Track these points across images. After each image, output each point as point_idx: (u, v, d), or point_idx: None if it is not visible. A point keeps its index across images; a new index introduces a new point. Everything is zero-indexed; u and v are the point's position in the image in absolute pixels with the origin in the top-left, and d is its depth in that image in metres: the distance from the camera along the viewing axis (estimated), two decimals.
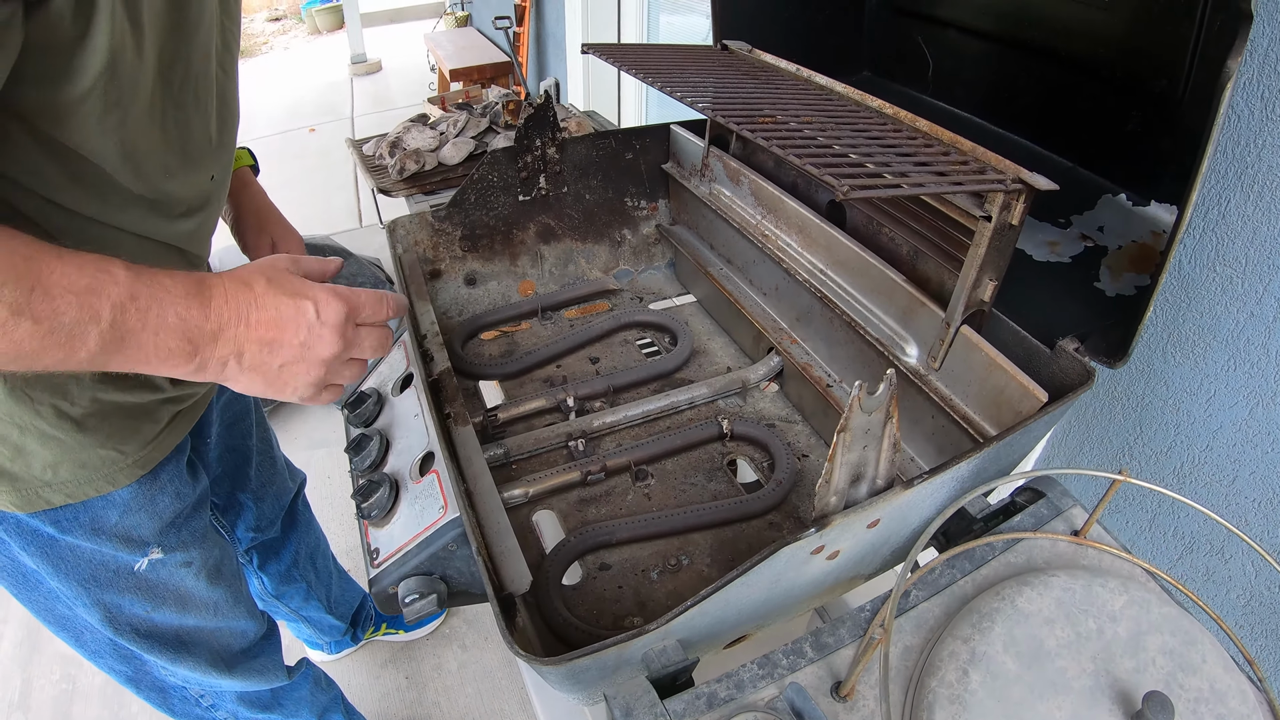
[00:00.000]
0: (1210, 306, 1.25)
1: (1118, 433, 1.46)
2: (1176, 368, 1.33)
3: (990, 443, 0.90)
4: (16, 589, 1.19)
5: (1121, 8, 1.19)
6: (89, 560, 1.14)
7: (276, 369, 0.84)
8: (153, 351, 0.76)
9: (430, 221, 1.57)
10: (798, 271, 1.36)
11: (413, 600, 0.99)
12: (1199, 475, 1.34)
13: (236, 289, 0.81)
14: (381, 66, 8.63)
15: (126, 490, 1.10)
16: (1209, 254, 1.24)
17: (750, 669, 0.77)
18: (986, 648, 0.76)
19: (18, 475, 0.99)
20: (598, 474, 1.26)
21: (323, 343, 0.85)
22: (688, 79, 1.23)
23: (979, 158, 0.99)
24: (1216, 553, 1.36)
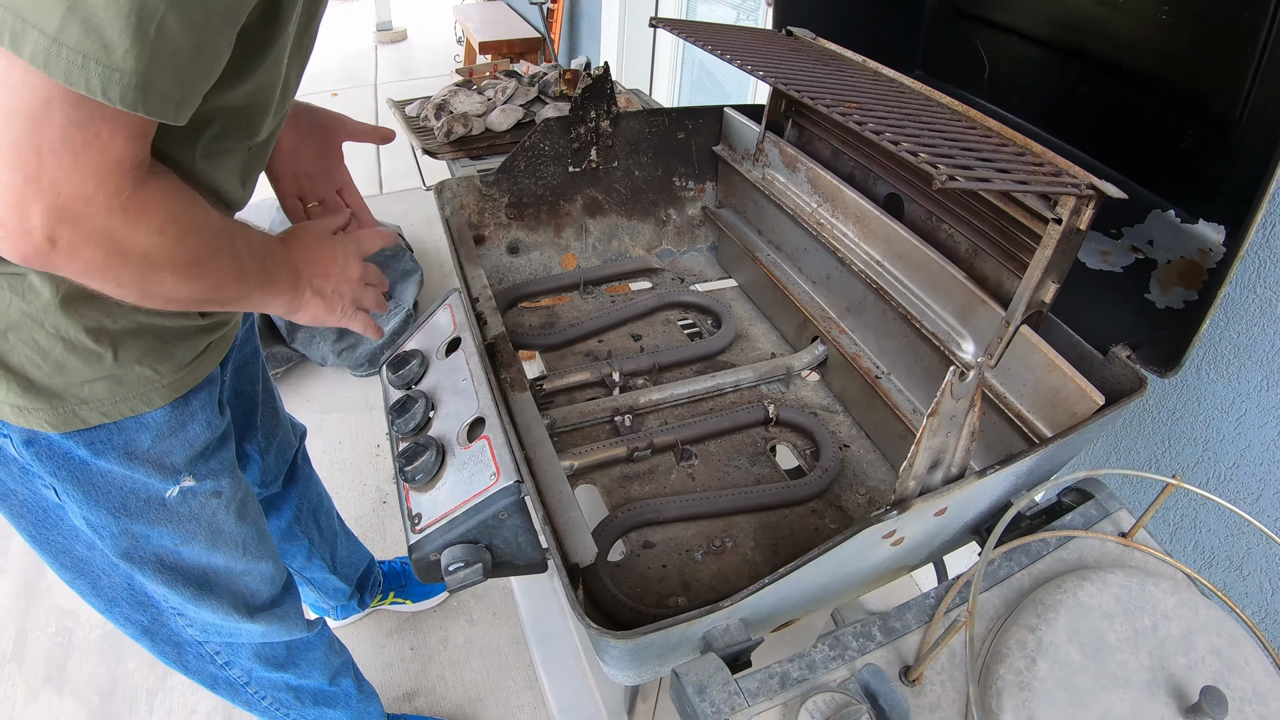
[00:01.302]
0: (1248, 327, 1.26)
1: (1146, 444, 1.47)
2: (1210, 384, 1.34)
3: (1051, 441, 0.91)
4: (35, 528, 1.19)
5: (1185, 27, 1.18)
6: (121, 487, 1.14)
7: (330, 292, 1.13)
8: (278, 284, 1.03)
9: (478, 186, 1.55)
10: (853, 262, 1.35)
11: (457, 568, 0.98)
12: (1225, 491, 1.36)
13: (292, 239, 1.11)
14: (407, 35, 8.62)
15: (160, 413, 1.11)
16: (1250, 275, 1.24)
17: (821, 650, 0.77)
18: (1052, 638, 0.77)
19: (57, 391, 1.00)
20: (644, 450, 1.25)
21: (351, 267, 1.17)
22: (762, 59, 1.22)
23: (1052, 160, 0.99)
24: (1235, 569, 1.37)
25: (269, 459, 1.67)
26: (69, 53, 0.63)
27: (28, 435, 1.04)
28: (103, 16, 0.62)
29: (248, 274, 0.96)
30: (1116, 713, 0.72)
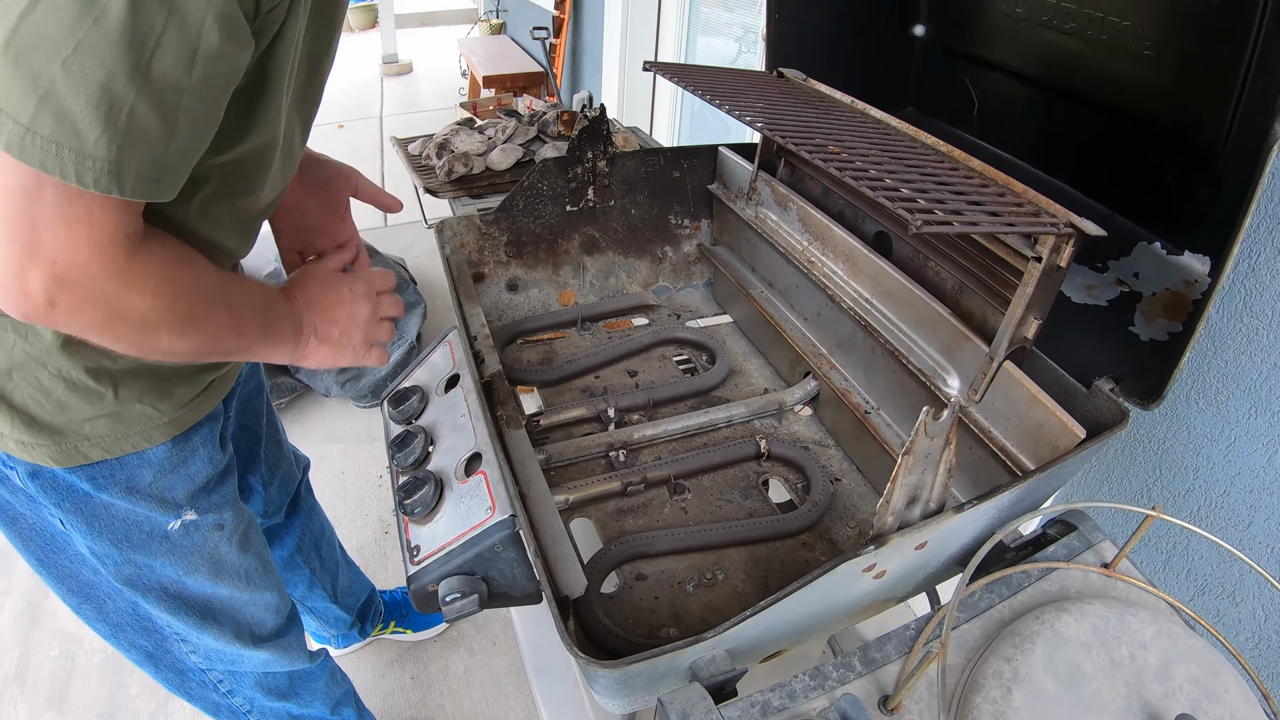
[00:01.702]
0: (1235, 355, 1.29)
1: (1138, 474, 1.50)
2: (1199, 413, 1.37)
3: (1032, 475, 0.94)
4: (42, 553, 1.22)
5: (1166, 62, 1.22)
6: (123, 519, 1.17)
7: (337, 337, 1.12)
8: (278, 336, 1.04)
9: (478, 225, 1.59)
10: (842, 299, 1.39)
11: (454, 599, 1.01)
12: (1216, 519, 1.38)
13: (300, 289, 1.11)
14: (412, 68, 8.71)
15: (161, 449, 1.14)
16: (1236, 305, 1.28)
17: (802, 680, 0.79)
18: (1029, 668, 0.79)
19: (59, 428, 1.03)
20: (638, 485, 1.28)
21: (361, 308, 1.15)
22: (751, 103, 1.25)
23: (1032, 200, 1.02)
24: (1228, 596, 1.39)
25: (272, 490, 1.69)
26: (43, 141, 0.66)
27: (32, 469, 1.07)
28: (73, 106, 0.66)
29: (246, 328, 0.98)
30: None
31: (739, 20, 3.72)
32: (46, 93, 0.65)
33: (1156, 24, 1.22)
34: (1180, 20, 1.19)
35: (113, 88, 0.66)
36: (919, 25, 1.71)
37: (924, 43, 1.72)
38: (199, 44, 0.70)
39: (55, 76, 0.65)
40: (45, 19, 0.63)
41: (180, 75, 0.70)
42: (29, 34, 0.63)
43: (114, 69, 0.66)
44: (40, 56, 0.64)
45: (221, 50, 0.72)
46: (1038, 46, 1.45)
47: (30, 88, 0.65)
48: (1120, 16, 1.27)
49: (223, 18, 0.70)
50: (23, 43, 0.63)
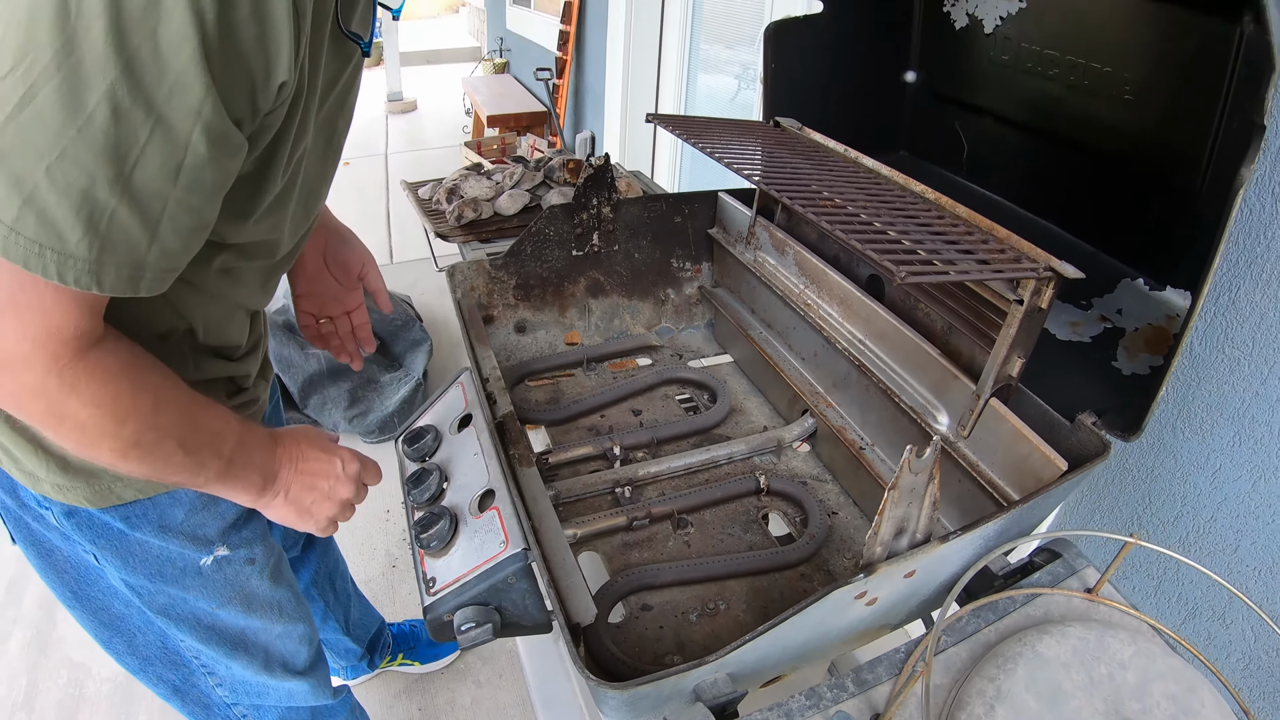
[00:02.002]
0: (1219, 385, 1.33)
1: (1128, 502, 1.54)
2: (1185, 442, 1.41)
3: (1015, 506, 0.98)
4: (76, 586, 1.25)
5: (1146, 105, 1.28)
6: (157, 555, 1.20)
7: (308, 504, 1.14)
8: (242, 483, 1.04)
9: (487, 269, 1.66)
10: (837, 340, 1.45)
11: (469, 628, 1.06)
12: (1204, 544, 1.41)
13: (290, 444, 1.12)
14: (417, 106, 8.82)
15: (192, 490, 1.16)
16: (1219, 337, 1.32)
17: (798, 700, 0.85)
18: (1011, 686, 0.83)
19: (93, 471, 1.06)
20: (643, 520, 1.33)
21: (343, 488, 1.16)
22: (744, 153, 1.32)
23: (1014, 245, 1.08)
24: (1218, 618, 1.42)
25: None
26: (26, 241, 0.68)
27: (68, 509, 1.10)
28: (56, 211, 0.67)
29: (203, 467, 0.97)
30: None
31: (739, 58, 3.79)
32: (30, 196, 0.67)
33: (1136, 70, 1.28)
34: (1158, 66, 1.25)
35: (95, 194, 0.68)
36: (910, 72, 1.78)
37: (915, 89, 1.79)
38: (185, 155, 0.71)
39: (39, 181, 0.66)
40: (31, 125, 0.65)
41: (164, 184, 0.72)
42: (15, 138, 0.65)
43: (96, 176, 0.68)
44: (25, 161, 0.66)
45: (209, 160, 0.73)
46: (1023, 92, 1.51)
47: (14, 190, 0.66)
48: (1101, 63, 1.33)
49: (211, 130, 0.71)
50: (8, 146, 0.65)
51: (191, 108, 0.68)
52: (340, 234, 1.43)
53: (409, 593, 2.74)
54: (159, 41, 0.65)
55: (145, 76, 0.66)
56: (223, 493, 1.05)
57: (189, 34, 0.65)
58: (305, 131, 0.92)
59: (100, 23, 0.62)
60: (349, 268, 1.43)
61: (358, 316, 1.49)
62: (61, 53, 0.63)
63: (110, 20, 0.63)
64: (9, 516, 1.17)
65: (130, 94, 0.65)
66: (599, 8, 4.64)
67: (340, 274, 1.43)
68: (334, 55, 0.94)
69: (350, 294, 1.46)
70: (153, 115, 0.67)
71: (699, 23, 4.07)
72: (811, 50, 1.70)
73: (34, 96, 0.64)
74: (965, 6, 1.57)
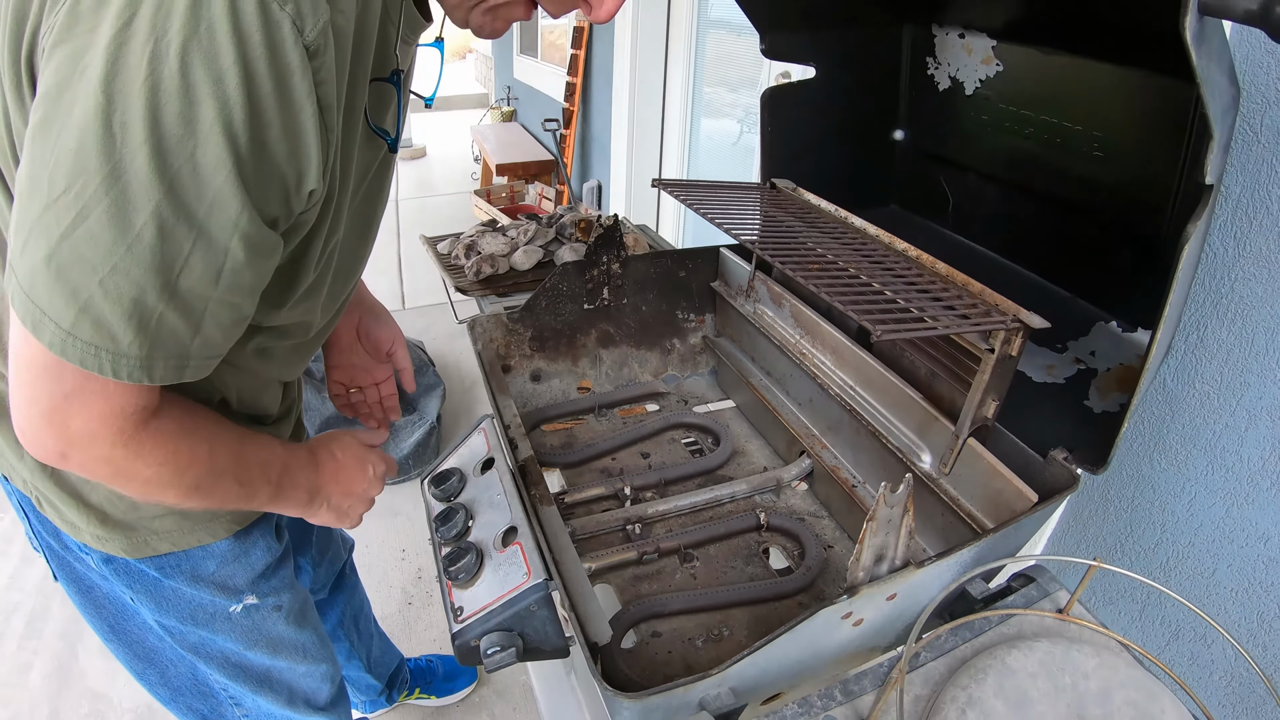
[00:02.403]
0: (1190, 419, 1.42)
1: (1111, 531, 1.61)
2: (1162, 473, 1.49)
3: (988, 534, 1.08)
4: (114, 620, 1.33)
5: (1115, 161, 1.39)
6: (189, 601, 1.27)
7: (346, 508, 1.27)
8: (291, 501, 1.15)
9: (505, 322, 1.77)
10: (830, 386, 1.56)
11: (494, 652, 1.16)
12: (1183, 569, 1.48)
13: (327, 458, 1.23)
14: (426, 153, 8.91)
15: (223, 544, 1.24)
16: (1189, 373, 1.41)
17: (792, 708, 0.95)
18: (981, 694, 0.93)
19: (131, 524, 1.15)
20: (652, 554, 1.44)
21: (375, 489, 1.31)
22: (741, 216, 1.45)
23: (985, 299, 1.20)
24: (1200, 639, 1.49)
25: (320, 571, 1.82)
26: (82, 344, 0.73)
27: (106, 556, 1.18)
28: (110, 317, 0.72)
29: (256, 493, 1.06)
30: None
31: (741, 101, 3.86)
32: (85, 305, 0.71)
33: (1105, 128, 1.39)
34: (1124, 125, 1.36)
35: (144, 302, 0.73)
36: (899, 131, 1.90)
37: (904, 146, 1.91)
38: (225, 261, 0.76)
39: (93, 292, 0.71)
40: (84, 242, 0.69)
41: (206, 288, 0.77)
42: (69, 253, 0.70)
43: (145, 287, 0.72)
44: (80, 274, 0.70)
45: (246, 264, 0.78)
46: (1002, 150, 1.63)
47: (71, 299, 0.71)
48: (1072, 122, 1.44)
49: (247, 238, 0.76)
50: (63, 260, 0.70)
51: (230, 220, 0.74)
52: (374, 311, 1.52)
53: (425, 629, 2.82)
54: (198, 164, 0.70)
55: (187, 196, 0.71)
56: (274, 509, 1.15)
57: (224, 156, 0.70)
58: (339, 226, 0.99)
59: (144, 150, 0.68)
60: (380, 344, 1.52)
61: (386, 388, 1.58)
62: (110, 178, 0.68)
63: (153, 148, 0.68)
64: (53, 557, 1.25)
65: (174, 213, 0.71)
66: (604, 61, 4.77)
67: (371, 349, 1.52)
68: (365, 149, 0.99)
69: (380, 368, 1.55)
70: (194, 229, 0.73)
71: (701, 69, 4.16)
72: (806, 113, 1.82)
73: (86, 217, 0.69)
74: (948, 70, 1.69)
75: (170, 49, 0.66)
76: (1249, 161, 1.27)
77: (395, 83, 0.99)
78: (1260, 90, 1.24)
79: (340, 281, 1.15)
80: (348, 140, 0.91)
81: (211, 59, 0.68)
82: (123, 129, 0.67)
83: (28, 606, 2.85)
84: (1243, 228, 1.29)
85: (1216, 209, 1.31)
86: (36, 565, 3.02)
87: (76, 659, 2.66)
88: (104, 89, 0.66)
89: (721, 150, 4.12)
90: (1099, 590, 1.68)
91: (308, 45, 0.73)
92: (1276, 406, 1.29)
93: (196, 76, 0.68)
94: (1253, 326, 1.31)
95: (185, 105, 0.68)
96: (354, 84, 0.86)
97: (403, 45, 0.99)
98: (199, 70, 0.68)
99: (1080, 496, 1.68)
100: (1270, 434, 1.31)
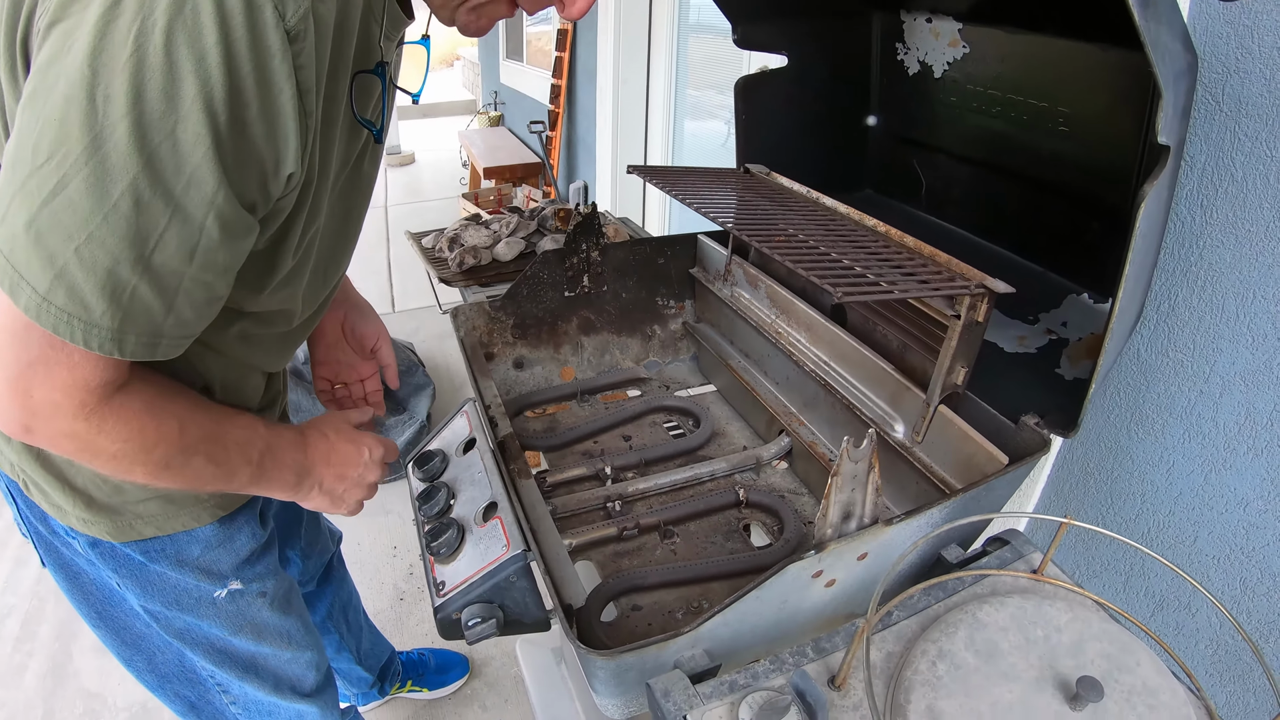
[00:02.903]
0: (1166, 387, 1.44)
1: (1092, 504, 1.63)
2: (1139, 443, 1.51)
3: (957, 494, 1.10)
4: (100, 607, 1.34)
5: (1080, 137, 1.42)
6: (174, 586, 1.29)
7: (340, 493, 1.26)
8: (277, 483, 1.15)
9: (487, 311, 1.79)
10: (805, 363, 1.59)
11: (475, 624, 1.17)
12: (1164, 537, 1.50)
13: (318, 439, 1.22)
14: (415, 159, 8.96)
15: (209, 528, 1.27)
16: (1162, 341, 1.43)
17: (764, 664, 0.97)
18: (951, 647, 0.94)
19: (116, 508, 1.17)
20: (631, 530, 1.45)
21: (372, 473, 1.30)
22: (715, 199, 1.47)
23: (951, 268, 1.22)
24: (1185, 608, 1.50)
25: (309, 562, 1.85)
26: (56, 310, 0.74)
27: (92, 540, 1.20)
28: (83, 286, 0.74)
29: (235, 475, 1.06)
30: (1005, 701, 0.88)
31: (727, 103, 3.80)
32: (61, 271, 0.73)
33: (1069, 104, 1.42)
34: (1086, 99, 1.39)
35: (118, 273, 0.75)
36: (871, 116, 1.93)
37: (876, 131, 1.94)
38: (200, 239, 0.78)
39: (69, 259, 0.73)
40: (63, 210, 0.71)
41: (180, 264, 0.79)
42: (48, 219, 0.71)
43: (119, 258, 0.74)
44: (57, 241, 0.72)
45: (221, 243, 0.80)
46: (971, 130, 1.66)
47: (48, 265, 0.73)
48: (1038, 99, 1.47)
49: (222, 217, 0.78)
50: (43, 225, 0.71)
51: (206, 197, 0.76)
52: (360, 308, 1.54)
53: (416, 624, 2.84)
54: (178, 140, 0.72)
55: (165, 171, 0.73)
56: (259, 491, 1.14)
57: (203, 133, 0.72)
58: (317, 213, 1.00)
59: (125, 123, 0.70)
60: (365, 340, 1.54)
61: (371, 384, 1.60)
62: (90, 148, 0.70)
63: (134, 121, 0.70)
64: (40, 541, 1.27)
65: (151, 186, 0.73)
66: (588, 62, 4.80)
67: (356, 346, 1.54)
68: (347, 139, 1.01)
69: (365, 364, 1.57)
70: (171, 205, 0.74)
71: (684, 71, 4.20)
72: (780, 101, 1.84)
73: (66, 185, 0.70)
74: (916, 54, 1.72)
75: (156, 27, 0.69)
76: (1212, 130, 1.29)
77: (380, 74, 1.02)
78: (1220, 60, 1.26)
79: (322, 272, 1.17)
80: (328, 128, 0.93)
81: (195, 38, 0.70)
82: (106, 101, 0.70)
83: (22, 609, 2.87)
84: (1209, 195, 1.31)
85: (1182, 178, 1.34)
86: (30, 568, 3.04)
87: (71, 659, 2.68)
88: (90, 63, 0.69)
89: (706, 150, 4.15)
90: (1083, 562, 1.69)
91: (289, 30, 0.76)
92: (1249, 371, 1.31)
93: (180, 55, 0.70)
94: (1223, 293, 1.33)
95: (168, 82, 0.71)
96: (335, 73, 0.89)
97: (386, 41, 1.01)
98: (183, 49, 0.70)
99: (1060, 470, 1.70)
100: (1244, 399, 1.33)
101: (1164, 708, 0.89)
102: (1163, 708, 0.89)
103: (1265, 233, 1.25)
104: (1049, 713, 0.88)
